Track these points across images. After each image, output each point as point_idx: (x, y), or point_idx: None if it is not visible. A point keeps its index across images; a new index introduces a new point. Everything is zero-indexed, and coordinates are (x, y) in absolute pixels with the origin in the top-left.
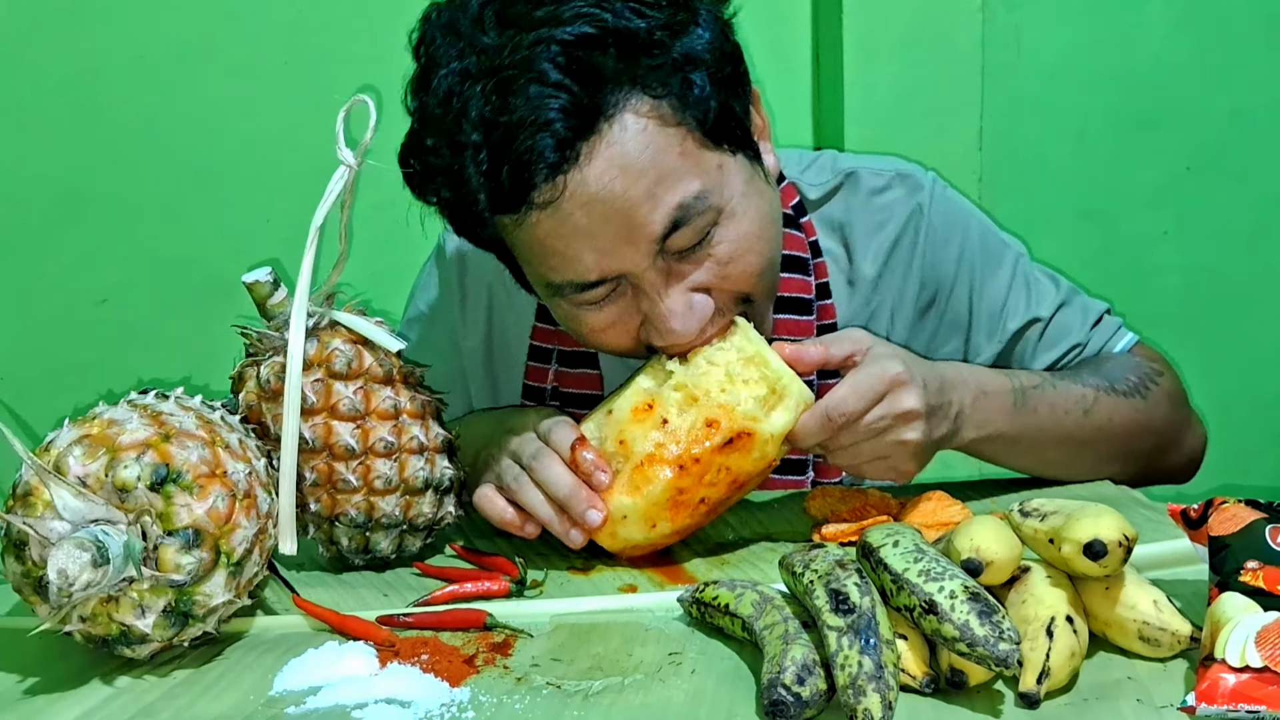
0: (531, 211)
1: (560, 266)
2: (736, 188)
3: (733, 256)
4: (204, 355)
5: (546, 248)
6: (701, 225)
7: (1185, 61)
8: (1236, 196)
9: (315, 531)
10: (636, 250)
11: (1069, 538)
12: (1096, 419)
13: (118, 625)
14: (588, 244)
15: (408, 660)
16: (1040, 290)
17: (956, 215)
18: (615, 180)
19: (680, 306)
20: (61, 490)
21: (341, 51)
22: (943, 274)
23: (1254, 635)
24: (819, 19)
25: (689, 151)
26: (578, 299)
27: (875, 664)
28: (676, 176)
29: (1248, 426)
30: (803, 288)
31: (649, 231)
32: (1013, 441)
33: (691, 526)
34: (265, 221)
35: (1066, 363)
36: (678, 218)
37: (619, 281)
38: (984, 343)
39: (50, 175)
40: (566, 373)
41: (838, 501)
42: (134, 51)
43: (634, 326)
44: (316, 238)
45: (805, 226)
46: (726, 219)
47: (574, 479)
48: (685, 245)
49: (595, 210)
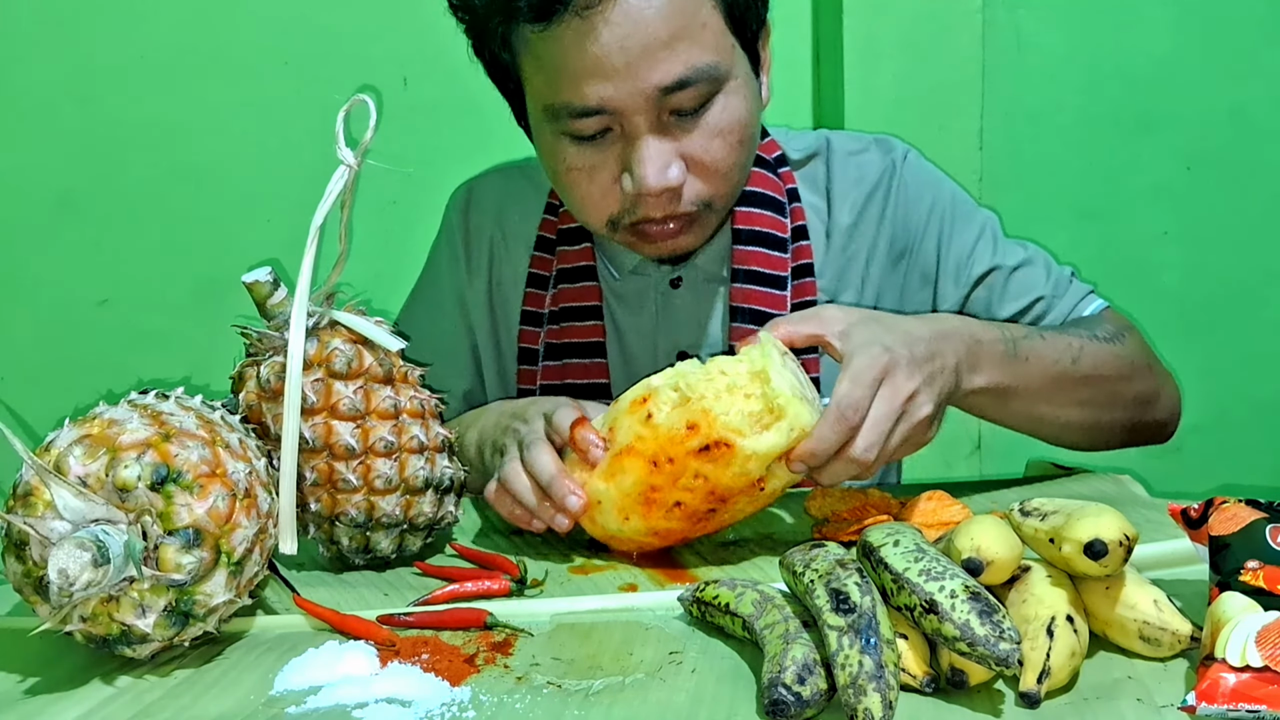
0: (564, 16)
1: (565, 87)
2: (740, 75)
3: (721, 129)
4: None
5: (560, 64)
6: (703, 92)
7: (1185, 61)
8: (1236, 196)
9: (315, 531)
10: (639, 90)
11: (1069, 537)
12: (1084, 367)
13: (118, 625)
14: (598, 68)
15: (408, 660)
16: (1007, 247)
17: (929, 176)
18: (645, 15)
19: (659, 159)
20: (62, 490)
21: (341, 51)
22: (914, 227)
23: (1254, 635)
24: (819, 19)
25: (712, 24)
26: (570, 125)
27: (876, 663)
28: (696, 40)
29: (1248, 426)
30: (775, 225)
31: (657, 77)
32: (1009, 392)
33: (674, 532)
34: (265, 221)
35: (1032, 314)
36: (686, 77)
37: (612, 123)
38: (950, 288)
39: (50, 175)
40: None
41: (838, 501)
42: (134, 51)
43: (609, 179)
44: (316, 238)
45: (784, 175)
46: (725, 94)
47: (557, 466)
48: (684, 106)
49: (618, 36)
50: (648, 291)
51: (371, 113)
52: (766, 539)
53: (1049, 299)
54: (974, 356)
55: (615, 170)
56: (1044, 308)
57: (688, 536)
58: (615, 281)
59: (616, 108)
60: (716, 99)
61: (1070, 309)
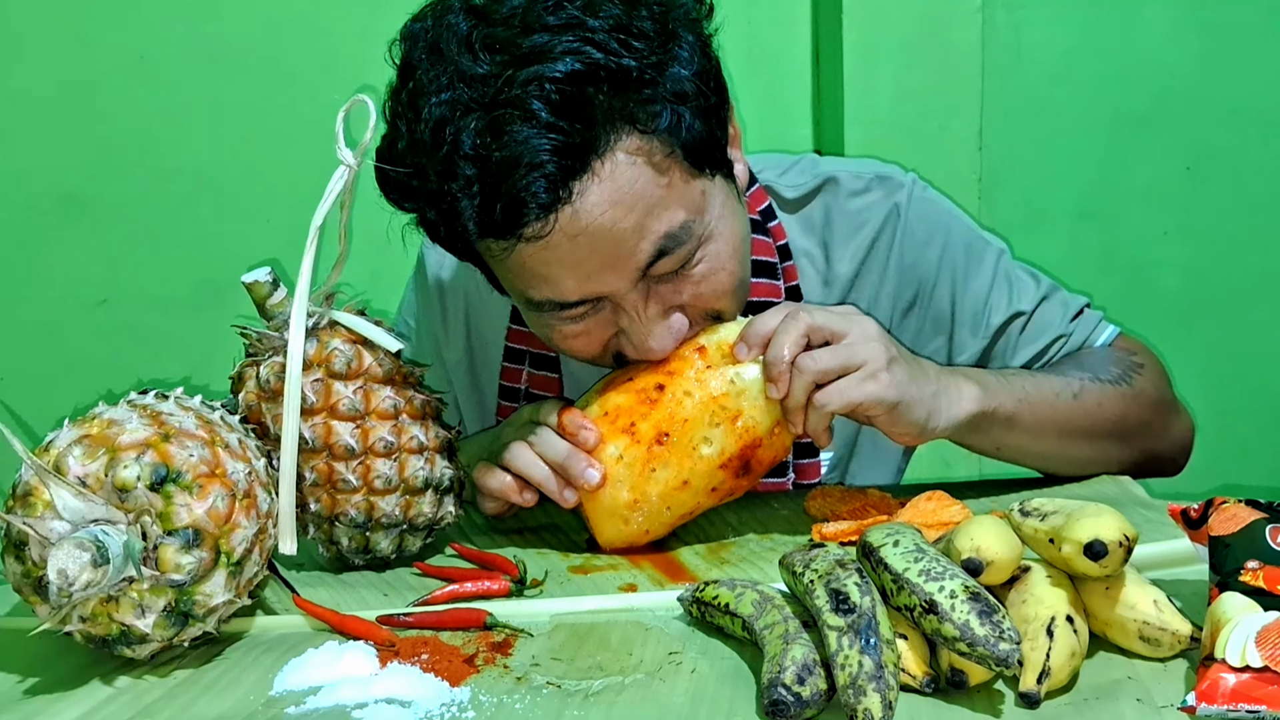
0: (520, 243)
1: (542, 288)
2: (715, 210)
3: (707, 276)
4: (204, 355)
5: (530, 271)
6: (684, 254)
7: (1185, 61)
8: (1236, 196)
9: (315, 531)
10: (621, 277)
11: (1069, 537)
12: (1086, 404)
13: (118, 625)
14: (572, 270)
15: (408, 660)
16: (1021, 286)
17: (936, 216)
18: (605, 214)
19: (660, 328)
20: (61, 490)
21: (341, 51)
22: (924, 274)
23: (1254, 635)
24: (819, 19)
25: (675, 184)
26: (556, 316)
27: (875, 664)
28: (663, 207)
29: (1248, 426)
30: (771, 291)
31: (635, 260)
32: (1011, 419)
33: (681, 491)
34: (265, 221)
35: (1050, 355)
36: (663, 247)
37: (599, 300)
38: (968, 339)
39: (50, 175)
40: (535, 374)
41: (838, 501)
42: (134, 52)
43: (606, 337)
44: (316, 238)
45: (774, 231)
46: (705, 245)
47: (568, 444)
48: (668, 270)
49: (583, 241)
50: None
51: (371, 113)
52: (766, 539)
53: (1066, 337)
54: (960, 384)
55: (612, 329)
56: (1061, 345)
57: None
58: None
59: (601, 295)
60: (697, 254)
61: (1083, 341)
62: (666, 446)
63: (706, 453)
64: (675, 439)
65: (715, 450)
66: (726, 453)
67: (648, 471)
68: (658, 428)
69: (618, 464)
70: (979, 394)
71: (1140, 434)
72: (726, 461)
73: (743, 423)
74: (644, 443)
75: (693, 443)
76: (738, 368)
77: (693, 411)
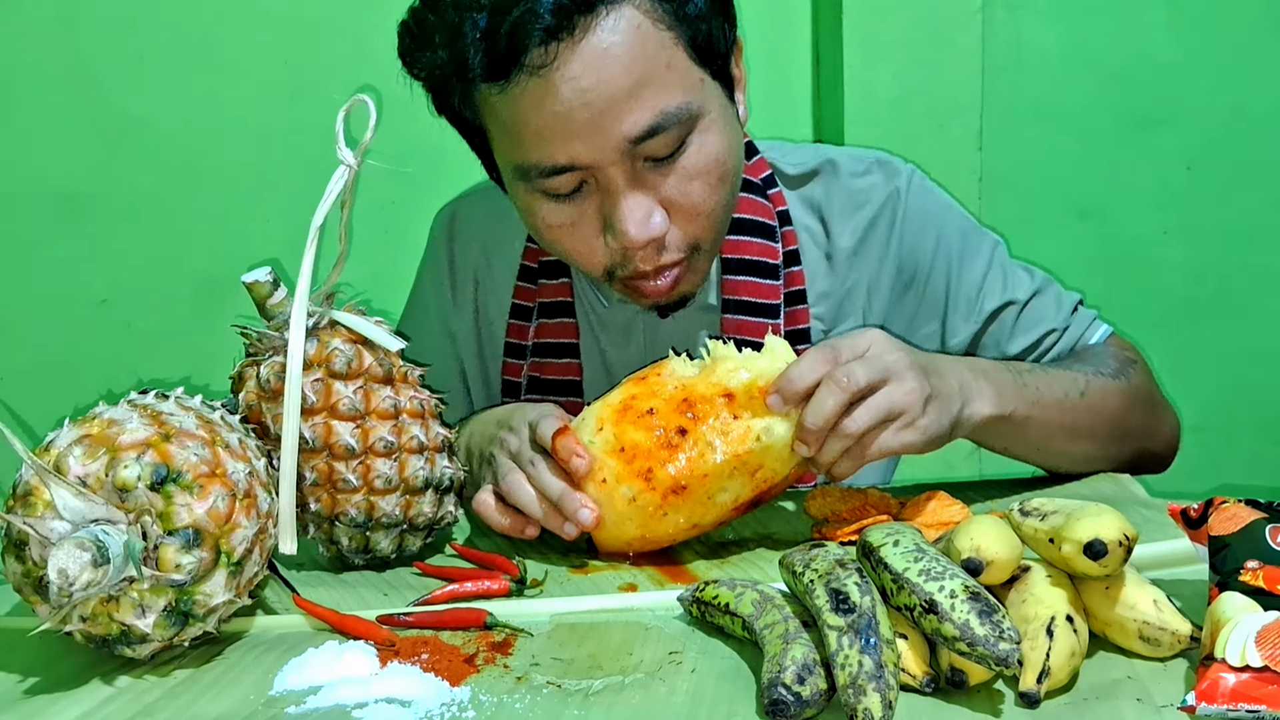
0: (520, 76)
1: (532, 147)
2: (713, 109)
3: (698, 171)
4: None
5: (524, 124)
6: (676, 136)
7: (1185, 61)
8: (1236, 196)
9: (315, 531)
10: (608, 143)
11: (1069, 537)
12: (1091, 400)
13: (118, 625)
14: (564, 126)
15: (408, 660)
16: (1016, 277)
17: (934, 204)
18: (604, 66)
19: (639, 211)
20: (61, 490)
21: (341, 51)
22: (920, 258)
23: (1254, 635)
24: (819, 19)
25: (677, 62)
26: (543, 185)
27: (875, 663)
28: (662, 84)
29: (1248, 426)
30: (767, 252)
31: (624, 128)
32: (1024, 422)
33: (688, 530)
34: (265, 221)
35: (1042, 348)
36: (655, 124)
37: (586, 177)
38: (960, 324)
39: (50, 175)
40: (547, 323)
41: (838, 501)
42: (134, 51)
43: (592, 233)
44: (316, 238)
45: (774, 197)
46: (699, 134)
47: (563, 483)
48: (658, 153)
49: (579, 91)
50: (635, 322)
51: (371, 113)
52: (766, 539)
53: (1059, 331)
54: (980, 387)
55: (597, 224)
56: (1054, 339)
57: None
58: (603, 310)
59: (587, 164)
60: (691, 140)
61: (1078, 337)
62: (682, 496)
63: (721, 499)
64: (692, 490)
65: (730, 497)
66: (741, 499)
67: (659, 515)
68: (677, 479)
69: (630, 504)
70: (995, 400)
71: (1137, 432)
72: (739, 505)
73: (762, 474)
74: (659, 490)
75: (709, 493)
76: (766, 421)
77: (713, 467)
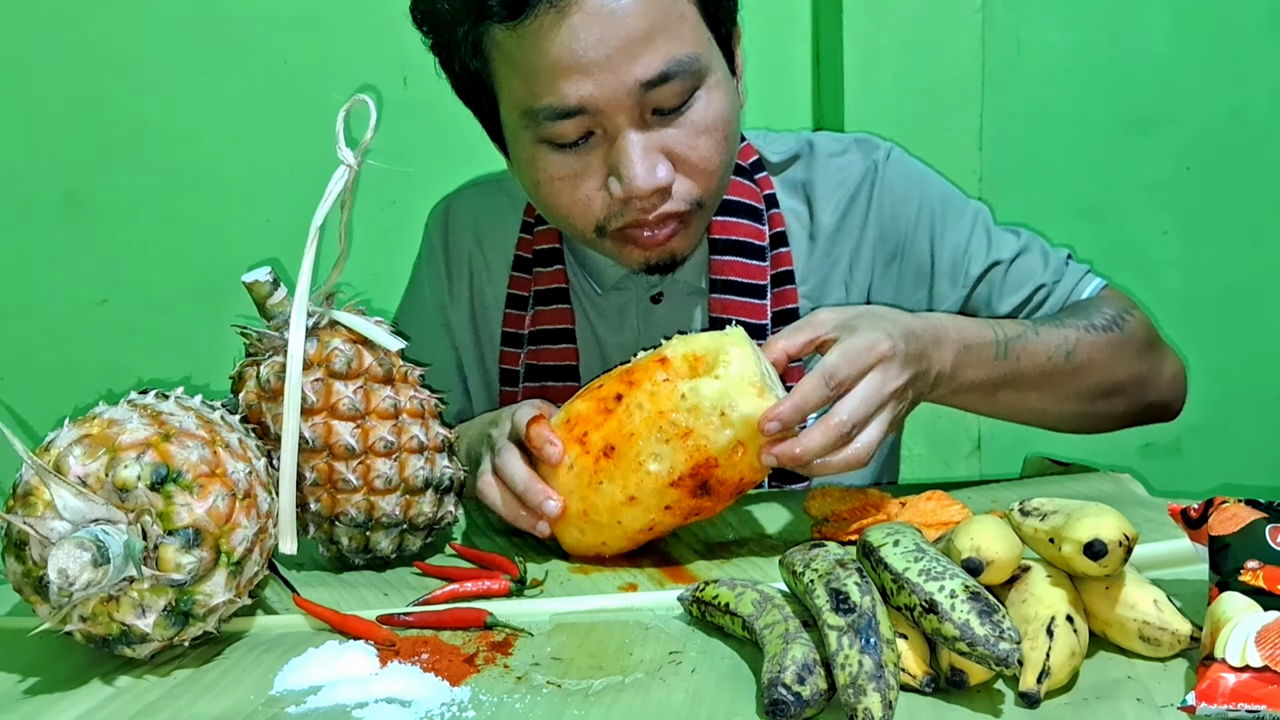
0: (537, 12)
1: (543, 89)
2: (719, 72)
3: (705, 127)
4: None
5: (535, 65)
6: (685, 87)
7: (1185, 61)
8: (1236, 196)
9: (315, 531)
10: (621, 86)
11: (1069, 537)
12: (1078, 359)
13: (118, 625)
14: (577, 66)
15: (408, 659)
16: (1001, 238)
17: (913, 173)
18: (621, 6)
19: (646, 157)
20: (61, 490)
21: (341, 51)
22: (903, 226)
23: (1254, 635)
24: (819, 19)
25: (689, 17)
26: (549, 130)
27: (875, 663)
28: (675, 34)
29: (1248, 426)
30: (753, 233)
31: (637, 72)
32: (992, 390)
33: (629, 506)
34: (265, 221)
35: (1032, 304)
36: (667, 70)
37: (593, 126)
38: (948, 289)
39: (50, 175)
40: (543, 310)
41: (837, 501)
42: (134, 52)
43: (592, 186)
44: (316, 238)
45: (760, 181)
46: (707, 90)
47: (528, 471)
48: (665, 103)
49: (594, 30)
50: (629, 307)
51: (371, 113)
52: (766, 539)
53: (1049, 285)
54: (960, 362)
55: (600, 175)
56: (1044, 295)
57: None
58: (597, 297)
59: (598, 106)
60: (699, 95)
61: (1069, 291)
62: (613, 460)
63: (654, 469)
64: (621, 452)
65: (664, 468)
66: (676, 471)
67: (595, 484)
68: (606, 440)
69: (569, 473)
70: (965, 378)
71: (1131, 384)
72: (677, 480)
73: (694, 441)
74: (592, 454)
75: (639, 458)
76: (693, 382)
77: (639, 426)
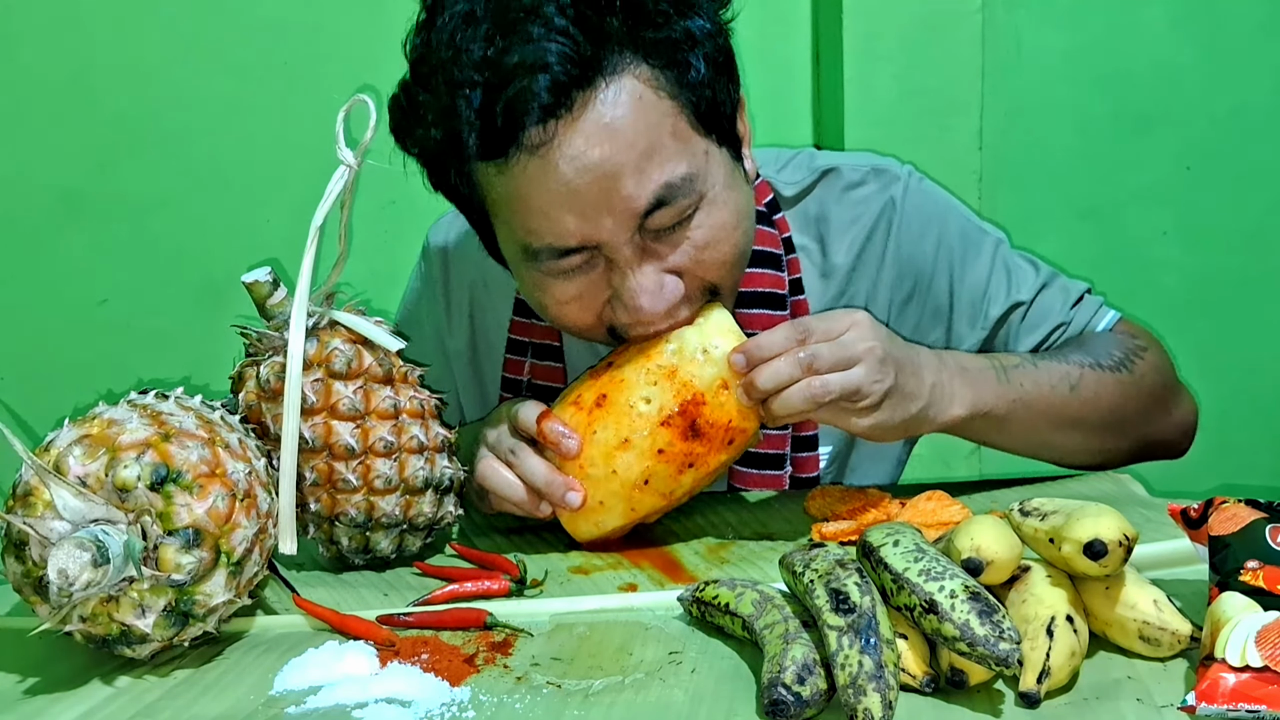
0: (519, 155)
1: (539, 228)
2: (719, 177)
3: (709, 243)
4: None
5: (528, 205)
6: (683, 207)
7: (1185, 61)
8: (1236, 196)
9: (315, 531)
10: (617, 221)
11: (1069, 537)
12: (1083, 394)
13: (118, 625)
14: (569, 205)
15: (408, 660)
16: (1020, 275)
17: (932, 206)
18: (606, 142)
19: (651, 284)
20: (61, 490)
21: (341, 51)
22: (921, 264)
23: (1254, 635)
24: (819, 19)
25: (680, 132)
26: (552, 266)
27: (875, 663)
28: (666, 155)
29: (1248, 426)
30: (775, 283)
31: (632, 204)
32: (1003, 420)
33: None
34: (265, 221)
35: (1050, 343)
36: (662, 196)
37: (594, 253)
38: (966, 330)
39: (50, 175)
40: (538, 365)
41: (837, 501)
42: (134, 51)
43: (599, 303)
44: (316, 238)
45: (779, 224)
46: (707, 205)
47: (547, 466)
48: (665, 225)
49: (582, 169)
50: None
51: (371, 113)
52: (766, 539)
53: (1067, 325)
54: (963, 384)
55: (606, 293)
56: (1062, 333)
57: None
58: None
59: (597, 242)
60: (698, 214)
61: (1084, 326)
62: (605, 408)
63: (645, 410)
64: (612, 399)
65: (654, 408)
66: (666, 409)
67: (590, 435)
68: (598, 392)
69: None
70: (971, 401)
71: (1137, 423)
72: (667, 419)
73: (680, 379)
74: (585, 408)
75: (629, 401)
76: (677, 332)
77: (630, 373)
